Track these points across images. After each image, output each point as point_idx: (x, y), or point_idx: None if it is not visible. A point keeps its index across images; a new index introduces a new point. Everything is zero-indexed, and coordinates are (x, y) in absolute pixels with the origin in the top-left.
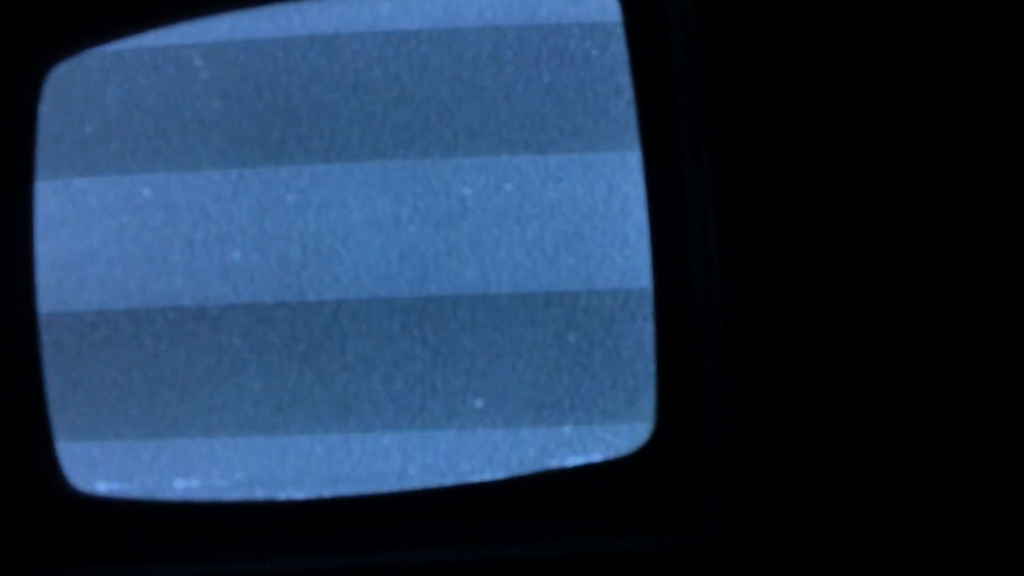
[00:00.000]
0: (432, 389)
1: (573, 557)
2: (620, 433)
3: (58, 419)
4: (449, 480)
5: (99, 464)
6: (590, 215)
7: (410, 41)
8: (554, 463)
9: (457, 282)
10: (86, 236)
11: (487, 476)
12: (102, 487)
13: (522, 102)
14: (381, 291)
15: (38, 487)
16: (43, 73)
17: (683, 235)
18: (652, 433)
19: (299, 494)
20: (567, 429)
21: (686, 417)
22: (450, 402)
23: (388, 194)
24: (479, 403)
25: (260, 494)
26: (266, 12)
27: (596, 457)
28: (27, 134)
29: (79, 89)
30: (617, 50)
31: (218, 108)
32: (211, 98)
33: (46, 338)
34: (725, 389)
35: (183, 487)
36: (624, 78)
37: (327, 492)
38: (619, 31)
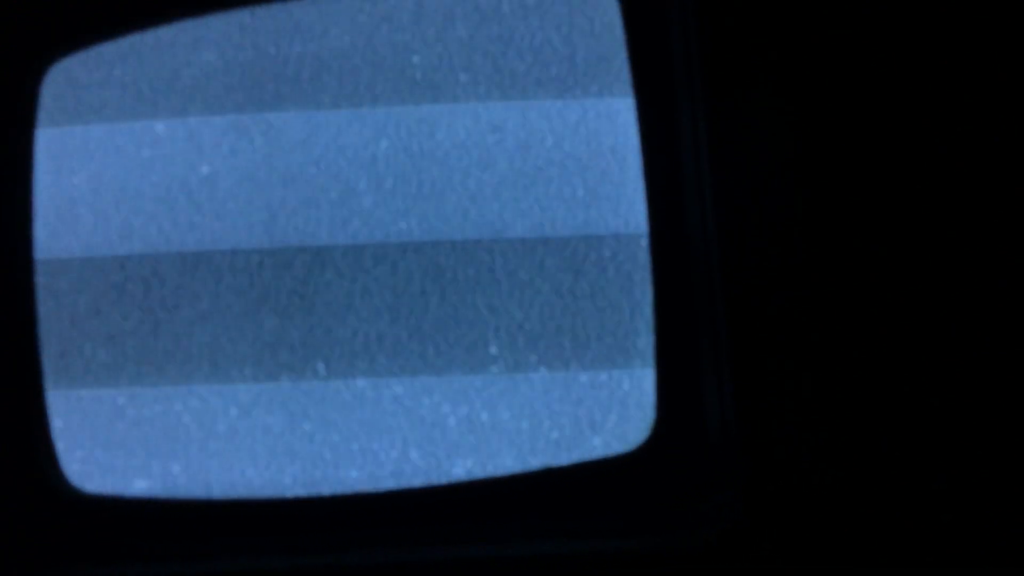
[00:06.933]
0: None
1: (573, 557)
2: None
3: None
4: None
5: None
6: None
7: None
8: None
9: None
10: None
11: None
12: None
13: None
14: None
15: (38, 487)
16: (43, 71)
17: (681, 211)
18: (653, 430)
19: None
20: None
21: (687, 414)
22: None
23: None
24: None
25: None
26: None
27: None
28: (27, 132)
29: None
30: None
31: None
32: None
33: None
34: (726, 385)
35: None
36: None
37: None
38: None
